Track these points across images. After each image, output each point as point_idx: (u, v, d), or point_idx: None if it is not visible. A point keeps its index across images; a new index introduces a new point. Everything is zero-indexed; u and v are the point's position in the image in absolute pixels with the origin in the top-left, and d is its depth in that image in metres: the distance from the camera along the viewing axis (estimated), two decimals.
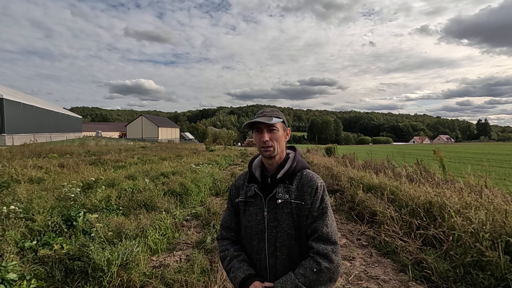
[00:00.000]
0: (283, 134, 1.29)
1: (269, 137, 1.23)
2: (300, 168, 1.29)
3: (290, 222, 1.21)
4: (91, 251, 2.76)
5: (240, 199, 1.35)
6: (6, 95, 25.38)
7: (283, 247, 1.21)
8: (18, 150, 15.23)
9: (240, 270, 1.26)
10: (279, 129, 1.26)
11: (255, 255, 1.29)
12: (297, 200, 1.21)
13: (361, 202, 5.29)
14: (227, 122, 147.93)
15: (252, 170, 1.36)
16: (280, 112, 1.32)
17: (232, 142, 44.49)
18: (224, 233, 1.42)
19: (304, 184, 1.23)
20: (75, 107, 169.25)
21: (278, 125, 1.26)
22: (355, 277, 3.13)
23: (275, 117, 1.26)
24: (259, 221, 1.26)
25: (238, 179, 1.43)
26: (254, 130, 1.29)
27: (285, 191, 1.23)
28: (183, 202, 5.69)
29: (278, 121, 1.25)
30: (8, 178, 6.47)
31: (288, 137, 1.33)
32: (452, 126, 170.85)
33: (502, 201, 3.81)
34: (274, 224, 1.23)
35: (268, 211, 1.24)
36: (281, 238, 1.21)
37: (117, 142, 35.20)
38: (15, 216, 3.60)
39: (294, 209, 1.21)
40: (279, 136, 1.26)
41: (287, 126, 1.34)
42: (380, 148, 42.44)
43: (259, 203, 1.27)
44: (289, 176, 1.26)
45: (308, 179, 1.25)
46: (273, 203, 1.24)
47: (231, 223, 1.40)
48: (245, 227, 1.32)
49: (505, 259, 2.63)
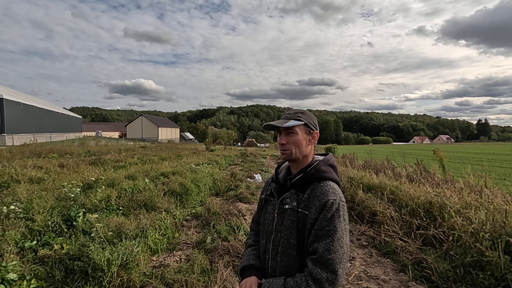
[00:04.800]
0: (306, 138, 1.21)
1: (286, 140, 1.19)
2: (319, 178, 1.17)
3: (293, 231, 1.15)
4: (91, 251, 2.76)
5: (263, 196, 1.39)
6: (6, 95, 25.37)
7: (283, 255, 1.18)
8: (18, 150, 15.22)
9: (247, 258, 1.35)
10: (298, 132, 1.19)
11: (262, 253, 1.33)
12: (305, 210, 1.13)
13: (361, 202, 5.29)
14: (227, 122, 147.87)
15: (277, 171, 1.37)
16: (307, 114, 1.24)
17: (232, 142, 44.47)
18: (252, 225, 1.52)
19: (315, 196, 1.14)
20: (75, 107, 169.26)
21: (298, 128, 1.19)
22: (355, 277, 3.13)
23: (294, 119, 1.19)
24: (270, 221, 1.27)
25: (270, 177, 1.46)
26: (277, 132, 1.25)
27: (295, 198, 1.18)
28: (183, 202, 5.68)
29: (295, 123, 1.18)
30: (8, 178, 6.47)
31: (315, 141, 1.25)
32: (452, 126, 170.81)
33: (502, 201, 3.81)
34: (280, 228, 1.21)
35: (278, 214, 1.23)
36: (283, 245, 1.18)
37: (117, 142, 35.18)
38: (15, 216, 3.61)
39: (300, 219, 1.14)
40: (298, 139, 1.19)
41: (315, 129, 1.23)
42: (380, 148, 42.44)
43: (274, 204, 1.28)
44: (303, 183, 1.19)
45: (320, 192, 1.13)
46: (282, 207, 1.22)
47: (258, 216, 1.46)
48: (262, 224, 1.36)
49: (505, 259, 2.63)
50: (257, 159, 17.67)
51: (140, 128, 63.28)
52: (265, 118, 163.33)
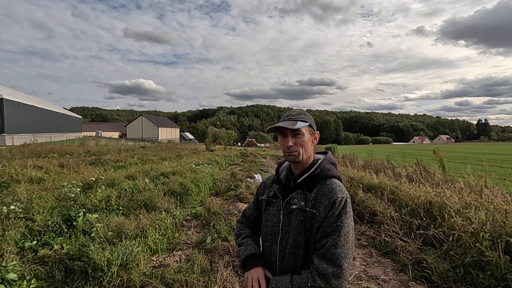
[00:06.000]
0: (310, 139, 1.22)
1: (294, 142, 1.18)
2: (324, 176, 1.19)
3: (301, 230, 1.15)
4: (91, 251, 2.76)
5: (263, 197, 1.36)
6: (6, 95, 25.37)
7: (291, 255, 1.18)
8: (18, 150, 15.22)
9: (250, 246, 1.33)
10: (304, 133, 1.19)
11: (267, 256, 1.29)
12: (313, 209, 1.14)
13: (361, 202, 5.29)
14: (227, 122, 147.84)
15: (278, 172, 1.36)
16: (307, 115, 1.25)
17: (232, 142, 44.49)
18: (243, 219, 1.50)
19: (323, 194, 1.14)
20: (75, 107, 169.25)
21: (304, 129, 1.19)
22: (355, 277, 3.13)
23: (301, 121, 1.19)
24: (275, 222, 1.25)
25: (268, 178, 1.44)
26: (279, 134, 1.24)
27: (302, 197, 1.18)
28: (183, 202, 5.68)
29: (303, 125, 1.18)
30: (8, 178, 6.47)
31: (316, 141, 1.27)
32: (452, 126, 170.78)
33: (502, 201, 3.81)
34: (287, 229, 1.19)
35: (284, 215, 1.21)
36: (290, 245, 1.18)
37: (117, 142, 35.18)
38: (15, 216, 3.61)
39: (308, 219, 1.14)
40: (305, 141, 1.19)
41: (315, 129, 1.26)
42: (380, 148, 42.44)
43: (278, 205, 1.26)
44: (310, 182, 1.19)
45: (328, 190, 1.15)
46: (288, 208, 1.21)
47: (251, 214, 1.46)
48: (264, 226, 1.34)
49: (505, 259, 2.63)
50: (257, 159, 17.68)
51: (140, 128, 63.28)
52: (265, 118, 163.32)
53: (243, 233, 1.42)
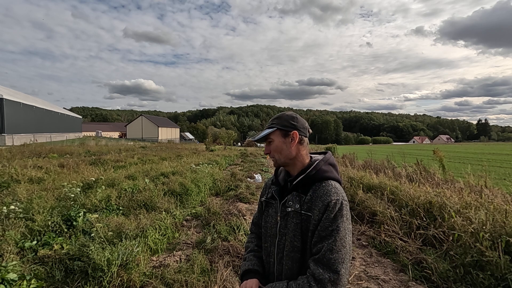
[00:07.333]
0: (284, 141, 1.19)
1: (269, 149, 1.23)
2: (321, 178, 1.16)
3: (297, 233, 1.14)
4: (91, 251, 2.76)
5: (263, 198, 1.36)
6: (6, 95, 25.38)
7: (288, 258, 1.17)
8: (18, 150, 15.22)
9: (249, 262, 1.32)
10: (274, 139, 1.20)
11: (265, 257, 1.30)
12: (308, 212, 1.12)
13: (361, 202, 5.29)
14: (227, 122, 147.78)
15: (277, 173, 1.36)
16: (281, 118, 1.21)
17: (232, 142, 44.49)
18: (253, 227, 1.49)
19: (317, 196, 1.12)
20: (75, 107, 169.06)
21: (272, 135, 1.20)
22: (355, 277, 3.13)
23: (268, 128, 1.21)
24: (273, 224, 1.25)
25: (269, 179, 1.44)
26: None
27: (297, 200, 1.16)
28: (183, 202, 5.68)
29: (266, 132, 1.20)
30: (8, 178, 6.47)
31: (295, 141, 1.19)
32: (452, 126, 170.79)
33: (502, 201, 3.82)
34: (284, 231, 1.19)
35: (281, 217, 1.21)
36: (287, 248, 1.17)
37: (117, 142, 35.19)
38: (15, 216, 3.61)
39: (304, 221, 1.13)
40: (276, 145, 1.20)
41: (292, 129, 1.19)
42: (380, 148, 42.44)
43: (276, 207, 1.26)
44: (304, 184, 1.17)
45: (323, 192, 1.12)
46: (284, 210, 1.20)
47: (258, 219, 1.44)
48: (263, 227, 1.33)
49: (505, 259, 2.63)
50: (257, 159, 17.68)
51: (140, 128, 63.30)
52: (265, 118, 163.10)
53: (249, 247, 1.42)
